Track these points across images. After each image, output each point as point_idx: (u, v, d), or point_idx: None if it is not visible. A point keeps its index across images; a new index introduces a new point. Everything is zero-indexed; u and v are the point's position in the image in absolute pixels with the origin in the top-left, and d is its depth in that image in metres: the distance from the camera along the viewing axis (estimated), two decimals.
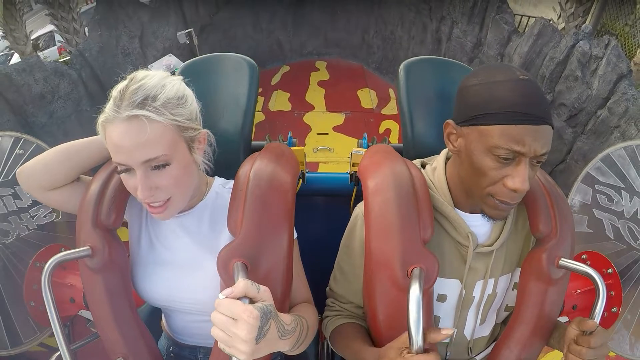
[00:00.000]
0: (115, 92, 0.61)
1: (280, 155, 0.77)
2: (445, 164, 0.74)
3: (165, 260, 0.73)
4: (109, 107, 0.60)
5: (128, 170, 0.61)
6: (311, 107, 4.85)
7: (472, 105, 0.60)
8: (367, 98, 5.06)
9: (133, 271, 0.74)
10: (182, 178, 0.64)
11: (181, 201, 0.66)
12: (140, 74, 0.63)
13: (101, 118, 0.61)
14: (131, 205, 0.76)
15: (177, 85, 0.64)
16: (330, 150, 3.95)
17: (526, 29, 4.20)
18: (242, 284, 0.50)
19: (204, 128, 0.70)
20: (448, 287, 0.71)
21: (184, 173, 0.64)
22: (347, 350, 0.72)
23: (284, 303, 0.65)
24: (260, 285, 0.52)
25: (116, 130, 0.58)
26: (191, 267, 0.71)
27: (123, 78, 0.63)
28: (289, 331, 0.56)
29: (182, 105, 0.63)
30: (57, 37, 5.40)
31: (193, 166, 0.67)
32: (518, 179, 0.57)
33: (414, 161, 0.78)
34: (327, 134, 4.35)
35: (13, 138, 0.98)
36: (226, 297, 0.49)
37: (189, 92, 0.67)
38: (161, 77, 0.63)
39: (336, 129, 4.44)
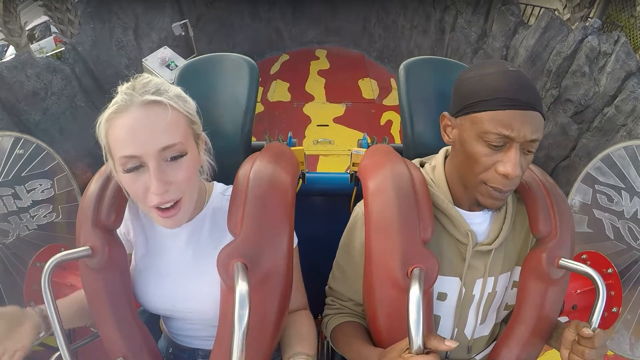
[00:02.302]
0: (121, 87, 0.59)
1: (280, 156, 0.77)
2: (444, 162, 0.74)
3: (166, 272, 0.72)
4: (119, 97, 0.57)
5: (137, 167, 0.56)
6: (311, 98, 4.81)
7: (464, 95, 0.63)
8: (368, 88, 5.01)
9: (134, 281, 0.74)
10: (193, 173, 0.62)
11: (190, 203, 0.64)
12: (144, 75, 0.63)
13: (108, 111, 0.57)
14: (131, 214, 0.74)
15: (178, 88, 0.65)
16: (331, 143, 3.93)
17: (530, 19, 4.13)
18: None
19: (203, 130, 0.69)
20: (448, 285, 0.71)
21: (194, 169, 0.62)
22: (348, 349, 0.73)
23: (284, 303, 0.66)
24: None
25: (130, 117, 0.55)
26: (192, 278, 0.71)
27: (124, 81, 0.62)
28: None
29: (189, 103, 0.65)
30: (53, 28, 5.32)
31: (199, 165, 0.66)
32: (509, 164, 0.59)
33: (412, 161, 0.78)
34: (327, 125, 4.32)
35: (13, 138, 0.98)
36: None
37: (188, 96, 0.67)
38: (163, 80, 0.64)
39: (337, 120, 4.41)
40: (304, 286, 0.79)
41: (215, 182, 0.77)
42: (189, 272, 0.71)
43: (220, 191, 0.75)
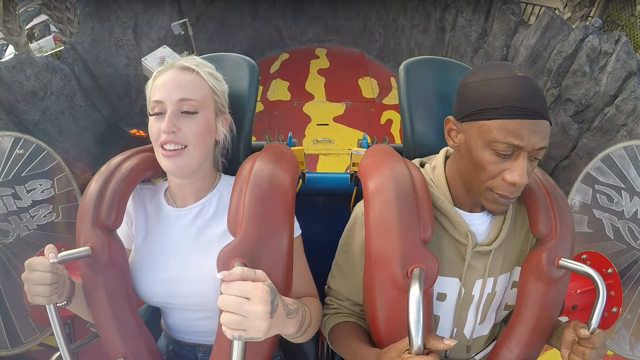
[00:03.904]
0: (169, 59, 0.75)
1: (280, 155, 0.77)
2: (445, 163, 0.74)
3: (169, 250, 0.74)
4: (165, 62, 0.74)
5: (160, 113, 0.69)
6: (311, 97, 4.80)
7: (471, 101, 0.62)
8: (368, 87, 5.01)
9: (133, 269, 0.75)
10: (203, 132, 0.71)
11: (194, 156, 0.70)
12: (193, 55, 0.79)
13: (157, 70, 0.73)
14: (135, 203, 0.77)
15: (216, 72, 0.78)
16: (331, 142, 3.93)
17: (531, 18, 4.12)
18: (238, 269, 0.52)
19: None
20: (448, 285, 0.71)
21: (206, 130, 0.71)
22: (347, 349, 0.73)
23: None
24: (256, 270, 0.54)
25: (167, 74, 0.70)
26: (192, 260, 0.72)
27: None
28: (293, 310, 0.59)
29: (220, 83, 0.77)
30: (53, 27, 5.30)
31: (214, 132, 0.74)
32: (517, 172, 0.59)
33: (412, 161, 0.77)
34: (327, 124, 4.32)
35: (13, 138, 0.99)
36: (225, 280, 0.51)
37: (225, 82, 0.79)
38: (208, 63, 0.78)
39: (336, 119, 4.41)
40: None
41: (223, 174, 0.82)
42: (193, 249, 0.73)
43: (228, 182, 0.79)
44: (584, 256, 0.94)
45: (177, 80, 0.70)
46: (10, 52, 4.90)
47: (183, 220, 0.75)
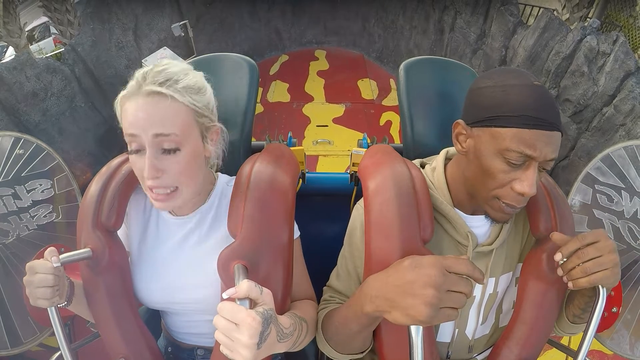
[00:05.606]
0: (138, 73, 0.63)
1: (280, 157, 0.77)
2: (445, 164, 0.73)
3: (165, 261, 0.73)
4: (130, 84, 0.62)
5: (138, 150, 0.61)
6: (310, 98, 4.80)
7: (485, 106, 0.60)
8: (368, 88, 5.01)
9: (132, 273, 0.74)
10: (190, 166, 0.63)
11: (189, 192, 0.66)
12: (164, 61, 0.65)
13: (121, 94, 0.62)
14: (133, 206, 0.76)
15: (197, 77, 0.67)
16: (330, 143, 3.93)
17: (529, 19, 4.13)
18: (245, 285, 0.51)
19: None
20: None
21: (194, 162, 0.64)
22: (335, 327, 0.67)
23: (284, 304, 0.66)
24: (263, 288, 0.53)
25: (135, 103, 0.59)
26: (191, 267, 0.72)
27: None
28: (287, 334, 0.57)
29: (202, 94, 0.65)
30: (53, 29, 5.31)
31: (203, 157, 0.68)
32: (527, 182, 0.58)
33: (413, 161, 0.77)
34: (327, 126, 4.32)
35: (13, 138, 0.99)
36: (228, 301, 0.50)
37: (208, 86, 0.69)
38: (184, 67, 0.66)
39: (336, 120, 4.41)
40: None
41: (219, 174, 0.79)
42: (193, 256, 0.72)
43: (225, 181, 0.77)
44: None
45: (148, 111, 0.59)
46: (10, 53, 4.90)
47: (183, 228, 0.73)
